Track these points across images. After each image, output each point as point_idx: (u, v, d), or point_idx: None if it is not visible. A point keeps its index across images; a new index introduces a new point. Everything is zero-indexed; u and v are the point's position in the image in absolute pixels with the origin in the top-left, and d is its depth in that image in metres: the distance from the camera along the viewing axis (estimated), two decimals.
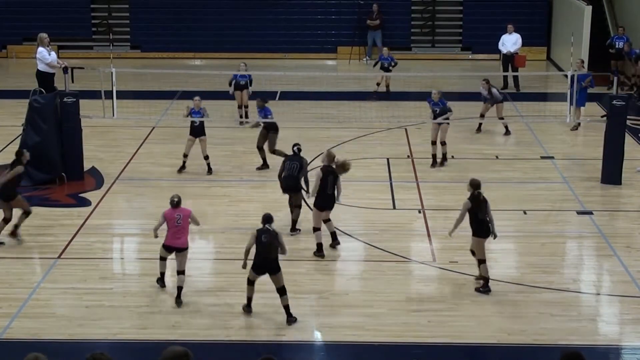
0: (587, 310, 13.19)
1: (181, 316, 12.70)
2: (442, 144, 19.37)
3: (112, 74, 18.70)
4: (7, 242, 15.18)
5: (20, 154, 15.49)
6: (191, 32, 30.40)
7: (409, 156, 20.03)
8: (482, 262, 13.49)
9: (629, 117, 19.36)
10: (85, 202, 17.18)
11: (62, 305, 13.12)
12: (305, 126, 20.97)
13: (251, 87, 22.43)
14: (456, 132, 21.85)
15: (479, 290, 13.44)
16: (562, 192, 17.95)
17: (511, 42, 26.44)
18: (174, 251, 13.17)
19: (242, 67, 22.42)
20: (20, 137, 18.69)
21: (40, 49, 19.52)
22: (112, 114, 18.69)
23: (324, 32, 30.80)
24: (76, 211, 16.75)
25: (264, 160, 18.90)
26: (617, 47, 26.31)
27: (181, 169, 18.62)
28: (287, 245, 15.08)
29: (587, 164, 19.60)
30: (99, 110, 18.80)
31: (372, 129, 21.90)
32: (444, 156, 19.41)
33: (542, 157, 20.08)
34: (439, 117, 19.12)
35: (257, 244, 12.42)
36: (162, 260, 13.41)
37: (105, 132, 21.06)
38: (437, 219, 16.28)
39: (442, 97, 19.40)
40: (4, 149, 20.30)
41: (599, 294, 13.73)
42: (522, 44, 26.58)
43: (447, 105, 19.34)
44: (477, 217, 13.33)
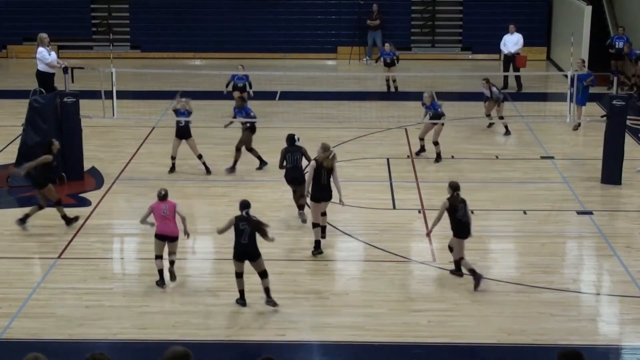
0: (587, 310, 13.19)
1: (181, 316, 12.70)
2: (435, 143, 19.52)
3: (112, 74, 18.70)
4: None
5: (50, 144, 15.77)
6: (191, 32, 30.41)
7: (409, 156, 20.03)
8: (460, 259, 13.69)
9: (629, 117, 19.35)
10: (85, 202, 17.18)
11: (62, 305, 13.11)
12: (305, 126, 20.96)
13: (251, 89, 22.46)
14: (456, 132, 21.87)
15: (453, 272, 13.87)
16: (562, 192, 17.95)
17: (512, 42, 26.44)
18: (166, 240, 13.47)
19: (240, 68, 22.49)
20: (20, 137, 18.69)
21: (40, 49, 19.53)
22: (112, 114, 18.70)
23: (324, 32, 30.81)
24: (76, 211, 16.72)
25: (259, 159, 18.91)
26: (617, 47, 26.31)
27: (171, 171, 18.58)
28: (287, 245, 15.21)
29: (587, 164, 19.60)
30: (99, 110, 18.80)
31: (372, 129, 21.91)
32: (438, 155, 19.55)
33: (542, 157, 20.08)
34: (432, 119, 19.39)
35: (235, 231, 12.63)
36: (157, 258, 13.57)
37: (105, 132, 21.07)
38: None
39: (434, 99, 19.61)
40: (4, 149, 20.31)
41: (599, 294, 13.73)
42: (523, 44, 26.58)
43: (439, 110, 19.52)
44: (456, 217, 13.54)
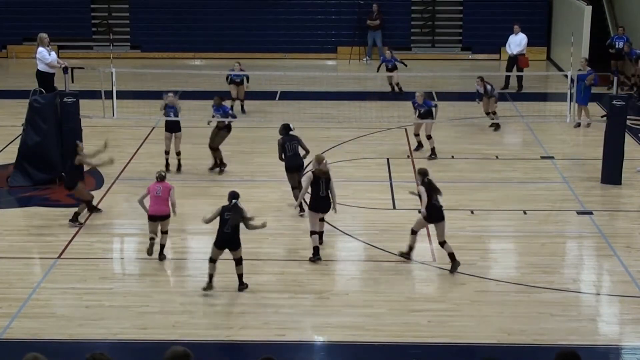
0: (587, 310, 13.19)
1: (181, 316, 12.71)
2: (428, 137, 19.73)
3: (112, 74, 18.70)
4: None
5: (76, 146, 16.43)
6: (191, 32, 30.40)
7: (409, 156, 20.03)
8: (414, 233, 14.41)
9: (629, 117, 19.36)
10: None
11: (62, 305, 13.12)
12: (305, 126, 20.93)
13: (248, 83, 22.72)
14: (456, 132, 21.88)
15: (402, 254, 14.47)
16: (562, 192, 17.95)
17: (515, 43, 26.43)
18: (158, 220, 14.30)
19: (237, 66, 22.66)
20: (20, 137, 18.69)
21: (40, 49, 19.52)
22: (112, 114, 18.70)
23: (324, 32, 30.80)
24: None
25: (220, 161, 18.78)
26: (617, 47, 26.31)
27: (166, 167, 18.54)
28: (288, 245, 15.22)
29: (587, 164, 19.60)
30: (99, 110, 18.81)
31: (372, 129, 21.91)
32: (433, 150, 19.71)
33: (542, 157, 20.08)
34: (424, 116, 19.68)
35: (220, 220, 13.09)
36: (151, 236, 14.35)
37: (105, 132, 21.04)
38: None
39: (427, 98, 19.91)
40: (4, 149, 20.31)
41: (599, 294, 13.73)
42: (526, 44, 26.54)
43: (432, 104, 19.80)
44: (431, 200, 14.00)
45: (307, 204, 15.31)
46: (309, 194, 15.05)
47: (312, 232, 14.67)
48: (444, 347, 11.98)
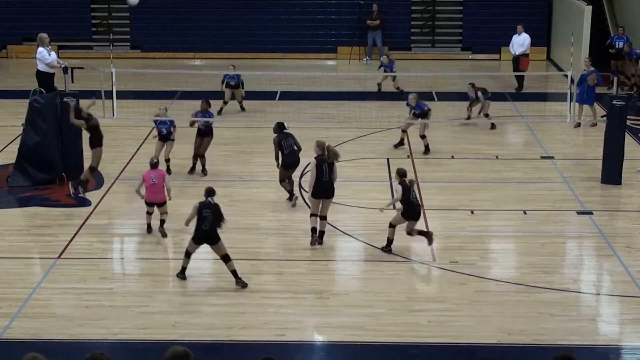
0: (587, 310, 13.19)
1: (181, 316, 12.71)
2: (422, 137, 19.93)
3: (112, 74, 18.71)
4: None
5: (79, 111, 17.37)
6: (191, 32, 30.40)
7: (409, 156, 20.03)
8: (392, 226, 14.71)
9: (629, 117, 19.35)
10: (85, 202, 17.19)
11: (62, 305, 13.12)
12: (305, 126, 20.96)
13: (243, 88, 22.73)
14: (456, 132, 21.88)
15: (383, 249, 14.77)
16: (562, 192, 17.95)
17: (518, 43, 26.42)
18: (155, 206, 15.15)
19: (231, 68, 22.67)
20: (20, 137, 18.69)
21: (40, 49, 19.53)
22: (112, 114, 18.70)
23: (324, 32, 30.80)
24: (76, 211, 16.75)
25: (203, 166, 18.62)
26: (617, 47, 26.32)
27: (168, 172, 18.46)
28: (288, 245, 15.22)
29: (587, 164, 19.60)
30: (99, 110, 18.79)
31: (372, 129, 21.91)
32: (427, 147, 19.96)
33: (542, 157, 20.08)
34: (418, 117, 19.95)
35: (198, 217, 13.28)
36: (148, 214, 15.31)
37: (105, 132, 21.01)
38: (437, 219, 16.28)
39: (419, 100, 20.01)
40: (4, 149, 20.31)
41: (599, 294, 13.73)
42: (529, 45, 26.50)
43: (425, 108, 19.91)
44: (409, 199, 14.46)
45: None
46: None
47: (312, 214, 15.02)
48: (444, 347, 11.98)
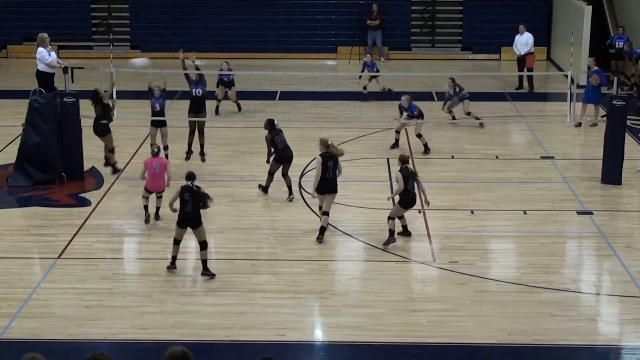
0: (587, 310, 13.19)
1: (181, 316, 12.71)
2: (419, 136, 20.04)
3: (112, 74, 18.70)
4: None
5: (97, 92, 17.99)
6: (191, 32, 30.37)
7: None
8: (391, 219, 14.93)
9: (629, 117, 19.35)
10: (85, 202, 17.19)
11: (62, 305, 13.12)
12: (305, 126, 20.97)
13: (234, 86, 22.71)
14: (456, 132, 21.89)
15: (387, 242, 14.91)
16: (562, 192, 17.95)
17: (522, 43, 26.40)
18: (154, 193, 15.85)
19: (225, 65, 22.60)
20: (20, 137, 18.69)
21: (40, 49, 19.52)
22: (112, 113, 18.68)
23: (324, 32, 30.79)
24: (76, 211, 16.76)
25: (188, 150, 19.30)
26: (617, 47, 26.32)
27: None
28: (288, 245, 15.23)
29: (587, 164, 19.60)
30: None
31: (372, 129, 21.90)
32: (426, 146, 20.06)
33: (542, 157, 20.08)
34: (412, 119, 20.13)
35: (181, 201, 13.67)
36: (144, 198, 15.95)
37: None
38: (437, 219, 16.29)
39: (412, 102, 20.10)
40: (4, 149, 20.31)
41: (599, 294, 13.73)
42: (533, 44, 26.49)
43: (415, 112, 20.03)
44: (407, 187, 14.77)
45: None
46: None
47: (323, 212, 15.32)
48: (444, 347, 11.98)
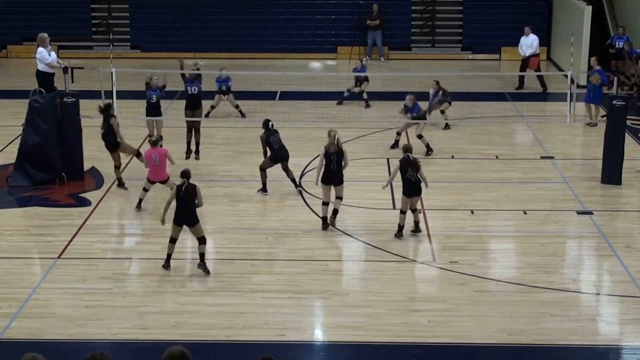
0: (587, 310, 13.19)
1: (181, 316, 12.71)
2: (419, 137, 19.98)
3: (112, 74, 18.71)
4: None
5: (109, 106, 17.63)
6: (191, 32, 30.38)
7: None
8: (402, 212, 15.27)
9: (629, 117, 19.36)
10: (85, 202, 17.19)
11: (62, 305, 13.12)
12: (305, 126, 20.98)
13: (231, 93, 22.56)
14: (456, 132, 21.88)
15: (396, 235, 15.35)
16: (562, 192, 17.95)
17: (527, 44, 26.38)
18: (156, 183, 16.41)
19: (223, 71, 22.21)
20: (20, 137, 18.69)
21: (40, 49, 19.52)
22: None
23: (324, 32, 30.79)
24: (76, 211, 16.76)
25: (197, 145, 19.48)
26: (617, 47, 26.32)
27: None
28: (288, 245, 15.23)
29: (587, 164, 19.61)
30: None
31: (372, 129, 21.90)
32: (428, 147, 20.00)
33: (542, 157, 20.08)
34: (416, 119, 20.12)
35: (177, 199, 13.79)
36: (144, 190, 16.57)
37: None
38: (437, 219, 16.30)
39: (416, 102, 20.15)
40: (4, 149, 20.31)
41: (599, 294, 13.73)
42: (538, 45, 26.46)
43: (420, 112, 20.08)
44: (406, 176, 15.08)
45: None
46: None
47: (323, 203, 15.72)
48: (444, 347, 11.98)
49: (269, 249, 15.16)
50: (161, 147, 18.17)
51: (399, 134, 20.48)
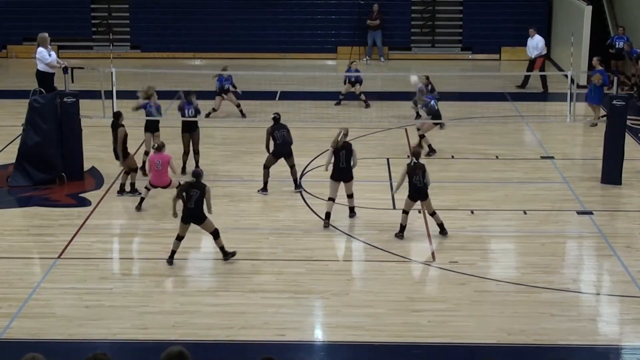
0: (587, 310, 13.19)
1: (181, 316, 12.71)
2: (421, 137, 19.94)
3: (112, 74, 18.70)
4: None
5: (118, 115, 17.32)
6: (191, 32, 30.39)
7: (409, 156, 19.94)
8: (404, 212, 15.31)
9: (629, 117, 19.35)
10: (85, 202, 17.19)
11: (62, 305, 13.11)
12: (305, 126, 20.97)
13: (230, 92, 22.43)
14: (456, 132, 21.88)
15: (397, 235, 15.31)
16: (562, 192, 17.95)
17: (532, 46, 26.37)
18: (158, 187, 16.46)
19: (225, 69, 22.20)
20: (20, 137, 18.69)
21: (40, 49, 19.51)
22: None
23: (324, 32, 30.79)
24: (76, 211, 16.75)
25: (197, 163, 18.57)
26: (617, 47, 26.33)
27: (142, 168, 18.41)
28: (288, 245, 15.23)
29: (587, 164, 19.61)
30: (99, 110, 18.79)
31: (372, 129, 21.90)
32: (430, 147, 19.95)
33: (542, 157, 20.08)
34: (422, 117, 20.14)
35: (186, 196, 13.92)
36: (146, 189, 16.56)
37: (105, 132, 20.89)
38: None
39: (430, 82, 20.29)
40: (4, 149, 20.31)
41: (599, 294, 13.73)
42: (544, 46, 26.47)
43: (433, 100, 19.85)
44: (412, 181, 15.12)
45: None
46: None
47: (329, 198, 15.83)
48: (444, 347, 11.98)
49: (269, 249, 15.15)
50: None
51: (420, 129, 19.98)
